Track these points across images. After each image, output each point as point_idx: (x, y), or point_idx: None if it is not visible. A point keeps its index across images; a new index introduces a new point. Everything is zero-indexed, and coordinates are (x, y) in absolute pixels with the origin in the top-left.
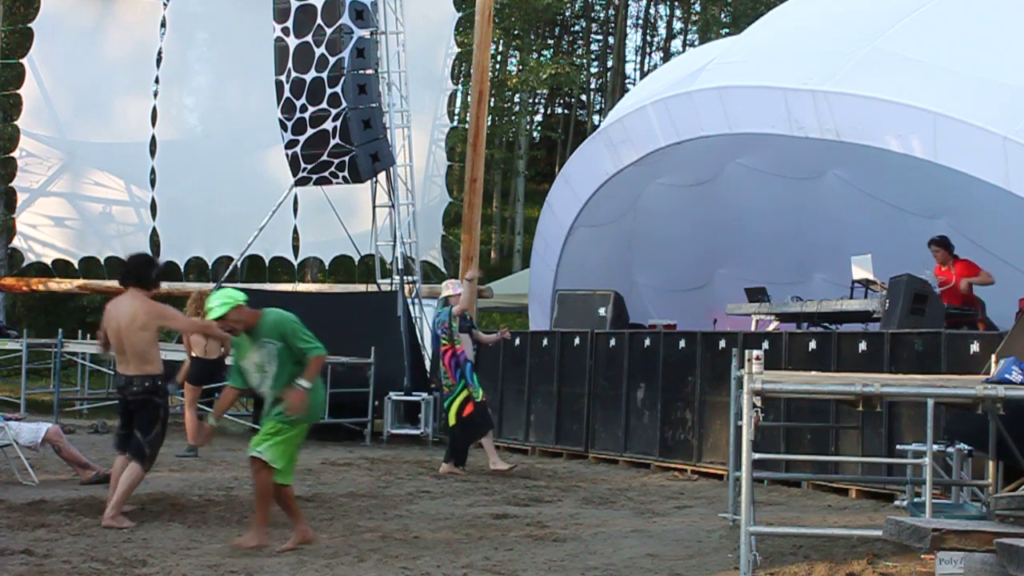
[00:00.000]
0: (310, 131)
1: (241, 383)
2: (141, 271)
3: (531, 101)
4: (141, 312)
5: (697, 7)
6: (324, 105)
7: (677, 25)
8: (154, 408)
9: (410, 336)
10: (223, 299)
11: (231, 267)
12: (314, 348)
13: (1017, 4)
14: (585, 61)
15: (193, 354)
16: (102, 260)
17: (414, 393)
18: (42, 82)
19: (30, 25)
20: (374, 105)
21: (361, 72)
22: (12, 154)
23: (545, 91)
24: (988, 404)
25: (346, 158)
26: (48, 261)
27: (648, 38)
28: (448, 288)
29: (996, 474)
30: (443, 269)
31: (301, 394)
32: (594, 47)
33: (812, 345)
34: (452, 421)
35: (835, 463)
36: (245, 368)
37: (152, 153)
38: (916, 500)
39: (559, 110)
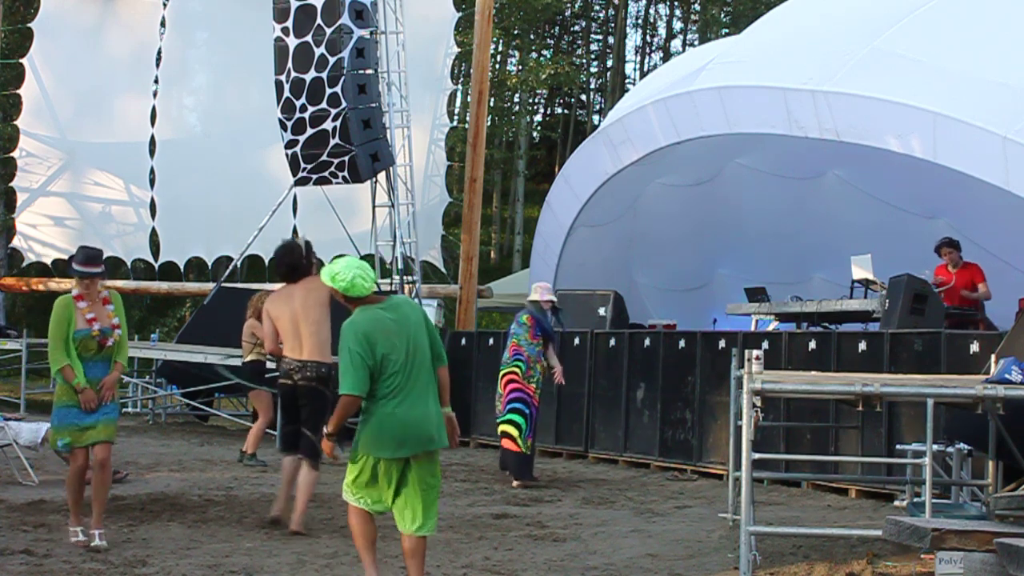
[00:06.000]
0: (310, 131)
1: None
2: (300, 261)
3: (531, 101)
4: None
5: (697, 7)
6: (324, 105)
7: (677, 25)
8: (324, 401)
9: None
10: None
11: (231, 267)
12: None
13: (1017, 4)
14: (585, 61)
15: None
16: None
17: None
18: (42, 82)
19: (30, 25)
20: (374, 105)
21: (361, 72)
22: (12, 154)
23: (545, 91)
24: (988, 404)
25: (346, 158)
26: (48, 261)
27: (648, 38)
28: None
29: (996, 474)
30: (443, 269)
31: None
32: (594, 47)
33: (812, 345)
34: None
35: (835, 463)
36: None
37: (152, 153)
38: (916, 500)
39: (559, 110)
